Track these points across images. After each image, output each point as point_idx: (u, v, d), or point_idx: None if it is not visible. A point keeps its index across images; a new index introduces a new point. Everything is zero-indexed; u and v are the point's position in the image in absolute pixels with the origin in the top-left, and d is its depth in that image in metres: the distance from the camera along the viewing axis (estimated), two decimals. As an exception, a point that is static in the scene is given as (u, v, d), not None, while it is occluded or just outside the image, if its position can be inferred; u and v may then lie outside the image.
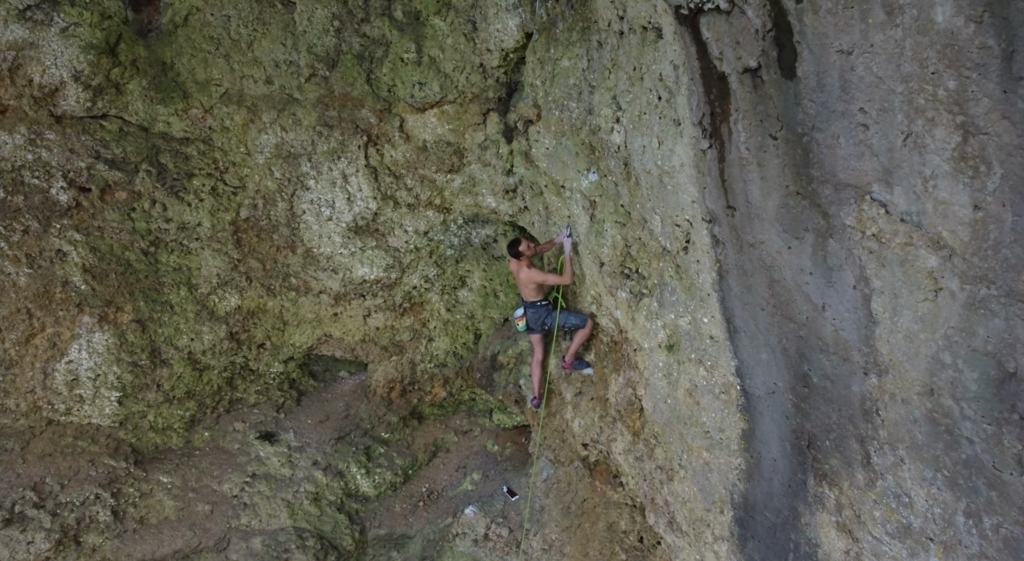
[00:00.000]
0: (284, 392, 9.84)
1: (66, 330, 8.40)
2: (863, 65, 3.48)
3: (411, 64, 8.28)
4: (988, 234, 3.32)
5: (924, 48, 3.17)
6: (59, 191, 8.19)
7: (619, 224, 7.13)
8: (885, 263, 3.94)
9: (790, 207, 4.40)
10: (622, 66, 5.88)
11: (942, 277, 3.66)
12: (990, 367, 3.59)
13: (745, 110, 4.33)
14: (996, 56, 2.92)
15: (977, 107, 3.10)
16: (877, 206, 3.81)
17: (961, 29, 2.99)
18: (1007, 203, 3.19)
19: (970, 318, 3.58)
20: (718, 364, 5.96)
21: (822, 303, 4.49)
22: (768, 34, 3.86)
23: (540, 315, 8.06)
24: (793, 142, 4.11)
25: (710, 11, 4.12)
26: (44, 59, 7.83)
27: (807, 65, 3.76)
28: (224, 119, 8.61)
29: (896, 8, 3.19)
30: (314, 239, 9.25)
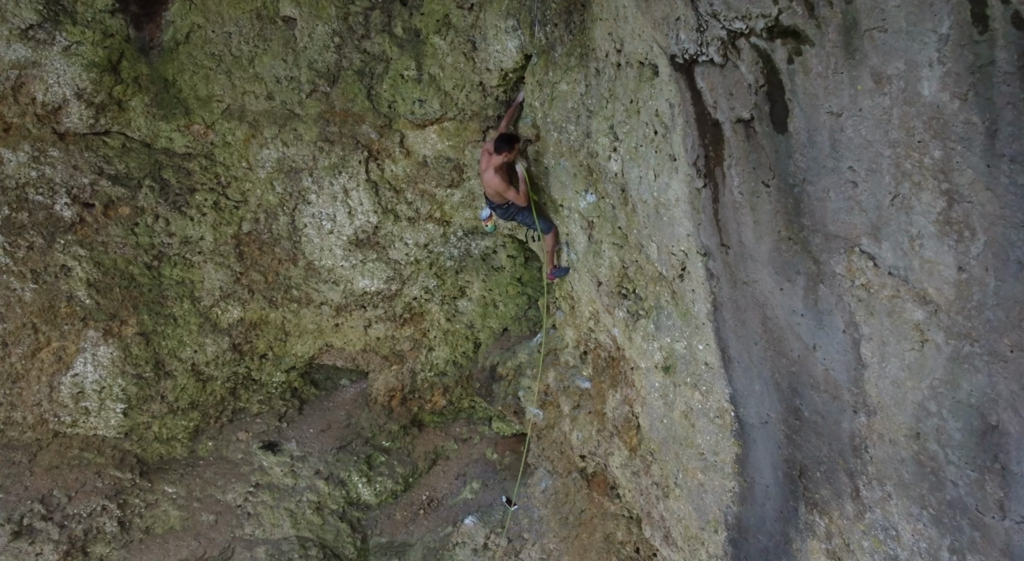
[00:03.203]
0: (286, 401, 9.98)
1: (71, 344, 8.52)
2: (852, 127, 3.57)
3: (411, 81, 8.33)
4: (972, 295, 3.42)
5: (911, 118, 3.26)
6: (63, 207, 8.27)
7: (616, 246, 7.22)
8: (873, 312, 4.04)
9: (782, 251, 4.49)
10: (619, 97, 5.95)
11: (928, 330, 3.76)
12: (973, 418, 3.70)
13: (738, 157, 4.41)
14: (980, 132, 3.01)
15: (962, 177, 3.19)
16: (866, 258, 3.91)
17: (946, 104, 3.08)
18: (990, 268, 3.28)
19: (954, 371, 3.69)
20: (713, 390, 6.08)
21: (813, 343, 4.60)
22: (761, 89, 3.94)
23: (508, 212, 7.98)
24: (785, 191, 4.20)
25: (704, 62, 4.19)
26: (47, 78, 7.88)
27: (798, 122, 3.84)
28: (226, 134, 8.68)
29: (884, 78, 3.27)
30: (315, 252, 9.34)
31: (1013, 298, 3.22)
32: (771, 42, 3.66)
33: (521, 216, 8.03)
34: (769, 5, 3.50)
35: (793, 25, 3.48)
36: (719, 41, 3.95)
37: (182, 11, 8.18)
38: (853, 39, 3.28)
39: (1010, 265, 3.18)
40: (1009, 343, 3.31)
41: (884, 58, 3.21)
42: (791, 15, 3.46)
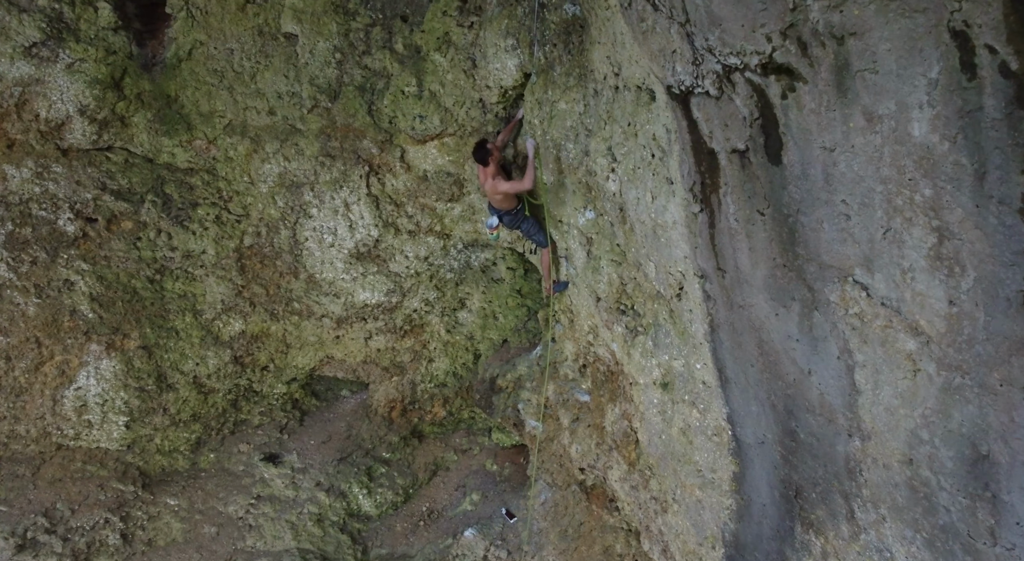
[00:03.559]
0: (287, 412, 10.04)
1: (74, 358, 8.58)
2: (845, 162, 3.63)
3: (412, 97, 8.40)
4: (963, 329, 3.48)
5: (901, 156, 3.32)
6: (66, 222, 8.34)
7: (615, 262, 7.28)
8: (867, 340, 4.10)
9: (777, 278, 4.55)
10: (617, 120, 6.01)
11: (920, 360, 3.82)
12: (965, 447, 3.76)
13: (734, 185, 4.47)
14: (969, 174, 3.07)
15: (951, 215, 3.25)
16: (859, 288, 3.97)
17: (936, 145, 3.14)
18: (980, 304, 3.34)
19: (946, 401, 3.75)
20: (710, 408, 6.14)
21: (808, 368, 4.66)
22: (755, 122, 4.00)
23: (516, 220, 8.12)
24: (779, 220, 4.26)
25: (700, 94, 4.25)
26: (50, 94, 7.95)
27: (792, 155, 3.90)
28: (228, 149, 8.75)
29: (876, 117, 3.33)
30: (316, 265, 9.41)
31: (1002, 334, 3.28)
32: (765, 78, 3.72)
33: (526, 226, 8.16)
34: (763, 43, 3.56)
35: (787, 63, 3.54)
36: (714, 74, 4.01)
37: (184, 28, 8.25)
38: (845, 79, 3.34)
39: (999, 302, 3.23)
40: (999, 377, 3.37)
41: (875, 98, 3.27)
42: (784, 53, 3.52)
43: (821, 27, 3.26)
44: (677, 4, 3.87)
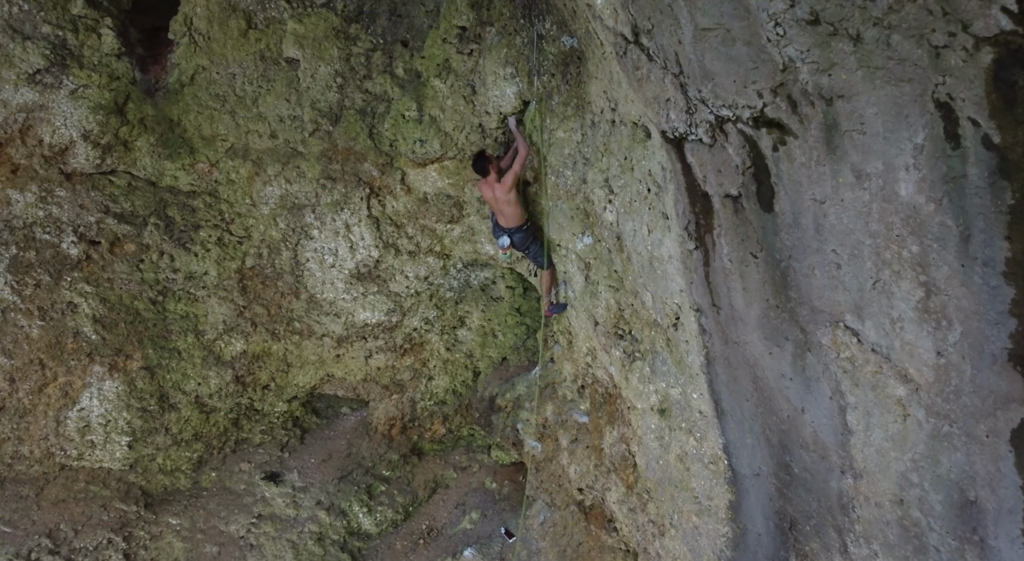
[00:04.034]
0: (288, 431, 10.11)
1: (77, 379, 8.66)
2: (835, 214, 3.70)
3: (412, 121, 8.48)
4: (950, 380, 3.55)
5: (889, 214, 3.39)
6: (69, 245, 8.42)
7: (613, 288, 7.35)
8: (858, 383, 4.17)
9: (771, 318, 4.62)
10: (614, 153, 6.09)
11: (910, 406, 3.89)
12: (953, 492, 3.83)
13: (727, 228, 4.55)
14: (954, 235, 3.14)
15: (938, 272, 3.32)
16: (850, 334, 4.04)
17: (923, 206, 3.21)
18: (966, 357, 3.41)
19: (935, 447, 3.82)
20: (707, 437, 6.21)
21: (801, 407, 4.73)
22: (748, 170, 4.07)
23: (526, 240, 8.06)
24: (772, 264, 4.34)
25: (694, 140, 4.33)
26: (54, 120, 8.03)
27: (783, 203, 3.98)
28: (230, 172, 8.82)
29: (864, 175, 3.40)
30: (317, 285, 9.48)
31: (988, 388, 3.35)
32: (757, 130, 3.80)
33: (533, 249, 8.15)
34: (754, 98, 3.63)
35: (777, 118, 3.62)
36: (707, 124, 4.09)
37: (187, 54, 8.33)
38: (834, 137, 3.42)
39: (985, 357, 3.31)
40: (985, 429, 3.44)
41: (863, 157, 3.35)
42: (775, 109, 3.59)
43: (810, 88, 3.33)
44: (671, 56, 3.95)
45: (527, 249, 8.21)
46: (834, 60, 3.12)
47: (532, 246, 8.15)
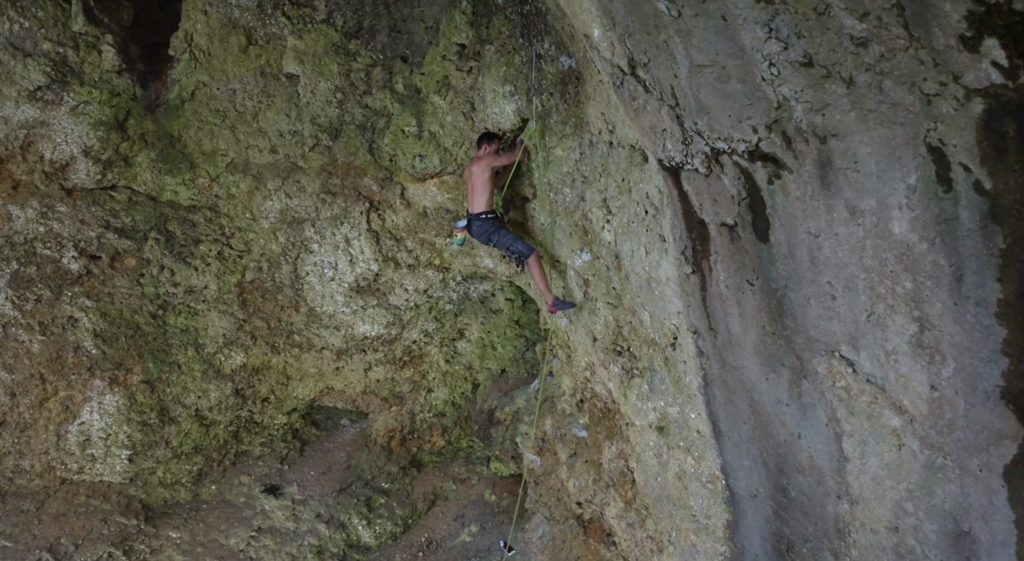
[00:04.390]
0: (287, 443, 10.14)
1: (78, 393, 8.69)
2: (829, 248, 3.73)
3: (412, 137, 8.51)
4: (944, 413, 3.57)
5: (883, 250, 3.42)
6: (70, 260, 8.45)
7: (611, 305, 7.37)
8: (854, 412, 4.20)
9: (767, 344, 4.65)
10: (611, 173, 6.12)
11: (904, 436, 3.91)
12: (947, 522, 3.85)
13: (724, 255, 4.57)
14: (947, 274, 3.17)
15: (932, 308, 3.35)
16: (845, 364, 4.06)
17: (916, 244, 3.23)
18: (960, 392, 3.44)
19: (929, 478, 3.84)
20: (705, 457, 6.23)
21: (798, 432, 4.75)
22: (743, 201, 4.10)
23: (486, 229, 7.62)
24: (768, 293, 4.36)
25: (690, 170, 4.35)
26: (55, 136, 8.07)
27: (779, 235, 4.00)
28: (230, 187, 8.86)
29: (858, 211, 3.43)
30: (317, 299, 9.51)
31: (981, 423, 3.37)
32: (752, 163, 3.83)
33: (498, 237, 7.63)
34: (749, 133, 3.66)
35: (772, 153, 3.64)
36: (703, 154, 4.12)
37: (187, 70, 8.37)
38: (828, 173, 3.44)
39: (978, 393, 3.33)
40: (978, 463, 3.47)
41: (857, 194, 3.37)
42: (770, 144, 3.62)
43: (804, 126, 3.36)
44: (667, 89, 3.97)
45: (490, 238, 7.67)
46: (827, 101, 3.14)
47: (495, 235, 7.63)
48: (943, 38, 2.42)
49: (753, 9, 3.00)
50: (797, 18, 2.88)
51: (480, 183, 7.46)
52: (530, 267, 7.80)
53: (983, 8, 2.21)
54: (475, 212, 7.60)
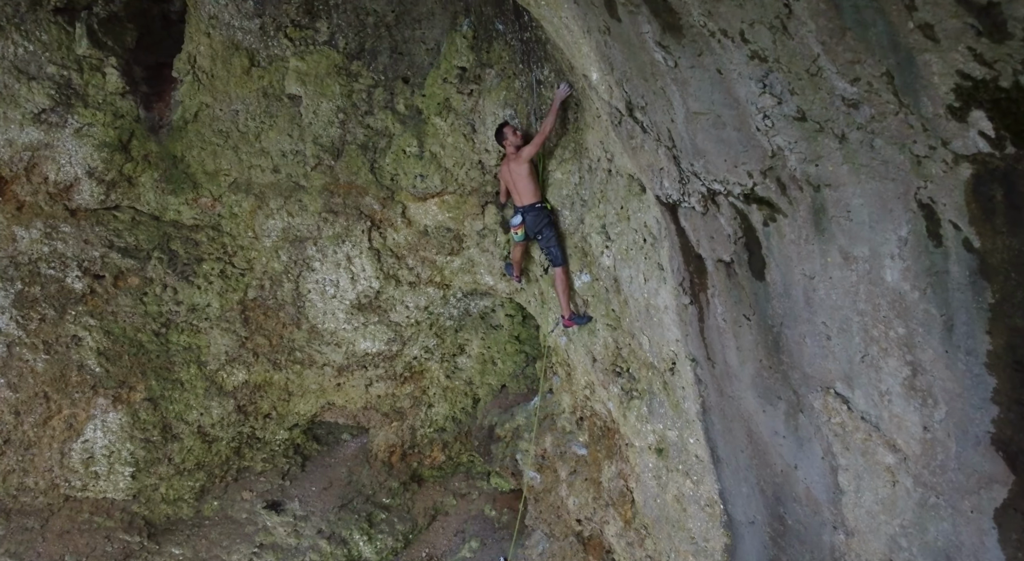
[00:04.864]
0: (289, 458, 10.19)
1: (82, 411, 8.75)
2: (824, 290, 3.79)
3: (413, 157, 8.57)
4: (936, 454, 3.63)
5: (876, 296, 3.48)
6: (74, 280, 8.51)
7: (610, 327, 7.43)
8: (849, 447, 4.26)
9: (764, 377, 4.71)
10: (610, 200, 6.18)
11: (898, 474, 3.97)
12: (940, 559, 3.90)
13: (720, 289, 4.63)
14: (938, 323, 3.23)
15: (924, 354, 3.41)
16: (840, 401, 4.12)
17: (908, 293, 3.30)
18: (951, 435, 3.50)
19: (923, 515, 3.90)
20: (703, 481, 6.29)
21: (794, 463, 4.81)
22: (739, 240, 4.16)
23: (539, 222, 7.59)
24: (764, 328, 4.42)
25: (687, 207, 4.42)
26: (59, 158, 8.14)
27: (775, 274, 4.06)
28: (232, 206, 8.92)
29: (851, 257, 3.49)
30: (319, 316, 9.57)
31: (972, 467, 3.43)
32: (748, 205, 3.89)
33: (547, 234, 7.63)
34: (745, 178, 3.72)
35: (767, 197, 3.71)
36: (700, 194, 4.18)
37: (191, 91, 8.44)
38: (822, 220, 3.50)
39: (969, 438, 3.39)
40: (970, 505, 3.52)
41: (850, 241, 3.43)
42: (765, 189, 3.68)
43: (798, 174, 3.42)
44: (664, 132, 4.04)
45: (540, 233, 7.66)
46: (821, 153, 3.21)
47: (546, 230, 7.62)
48: (932, 107, 2.49)
49: (747, 66, 3.06)
50: (790, 77, 2.94)
51: (522, 177, 7.40)
52: (556, 276, 7.81)
53: (970, 83, 2.27)
54: (526, 204, 7.56)
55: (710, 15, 2.96)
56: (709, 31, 3.07)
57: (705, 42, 3.17)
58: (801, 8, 2.57)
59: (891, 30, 2.35)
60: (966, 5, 2.05)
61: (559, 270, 7.75)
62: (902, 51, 2.39)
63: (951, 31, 2.15)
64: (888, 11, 2.29)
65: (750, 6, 2.76)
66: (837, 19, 2.49)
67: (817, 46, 2.67)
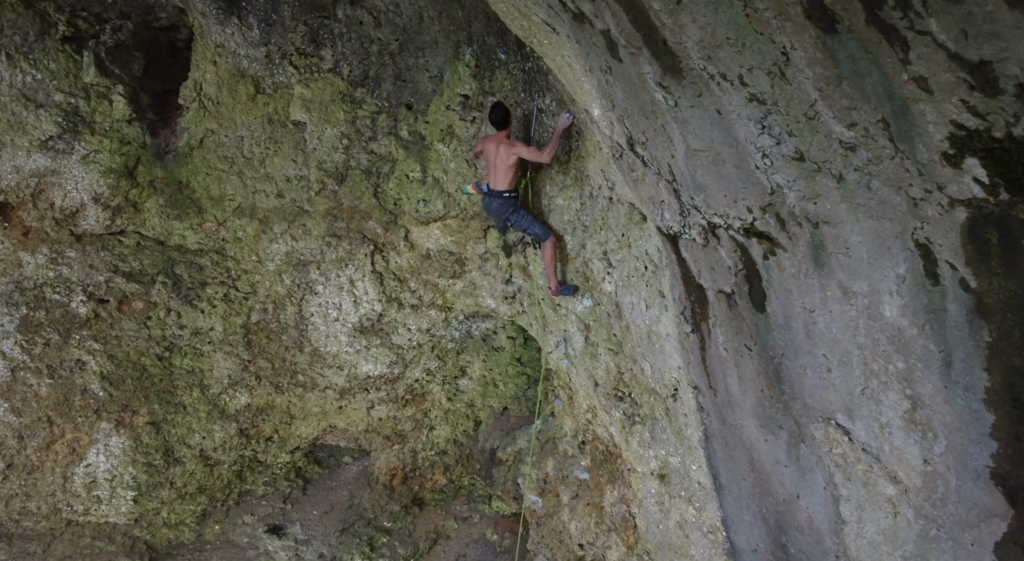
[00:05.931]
0: (291, 482, 10.19)
1: (85, 435, 8.77)
2: (824, 323, 3.83)
3: (416, 182, 8.66)
4: (937, 487, 3.66)
5: (875, 331, 3.52)
6: (79, 304, 8.57)
7: (612, 351, 7.47)
8: (851, 478, 4.28)
9: (765, 407, 4.74)
10: (612, 228, 6.24)
11: (900, 505, 3.99)
12: (943, 592, 3.91)
13: (722, 320, 4.68)
14: (937, 359, 3.27)
15: (923, 388, 3.45)
16: (841, 432, 4.15)
17: (906, 328, 3.34)
18: (952, 469, 3.52)
19: (924, 547, 3.92)
20: (706, 508, 6.29)
21: (796, 492, 4.83)
22: (740, 272, 4.21)
23: (506, 208, 7.41)
24: (766, 359, 4.46)
25: (688, 239, 4.47)
26: (65, 184, 8.22)
27: (775, 306, 4.11)
28: (237, 230, 8.99)
29: (850, 292, 3.54)
30: (321, 339, 9.61)
31: (972, 500, 3.46)
32: (748, 239, 3.94)
33: (516, 217, 7.49)
34: (744, 213, 3.78)
35: (767, 232, 3.76)
36: (700, 226, 4.24)
37: (197, 118, 8.54)
38: (821, 255, 3.56)
39: (969, 471, 3.42)
40: (970, 538, 3.55)
41: (849, 276, 3.48)
42: (764, 224, 3.74)
43: (797, 211, 3.48)
44: (664, 166, 4.10)
45: (509, 218, 7.53)
46: (819, 192, 3.27)
47: (514, 216, 7.48)
48: (927, 153, 2.55)
49: (746, 107, 3.13)
50: (788, 119, 3.01)
51: (504, 165, 7.18)
52: (544, 250, 7.70)
53: (964, 132, 2.34)
54: (497, 189, 7.34)
55: (709, 59, 3.04)
56: (708, 74, 3.14)
57: (705, 84, 3.24)
58: (798, 57, 2.64)
59: (886, 81, 2.41)
60: (959, 61, 2.11)
61: (547, 244, 7.61)
62: (897, 100, 2.46)
63: (944, 84, 2.22)
64: (883, 63, 2.36)
65: (748, 52, 2.83)
66: (833, 68, 2.55)
67: (814, 92, 2.74)
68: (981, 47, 2.02)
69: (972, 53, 2.06)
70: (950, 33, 2.04)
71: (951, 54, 2.10)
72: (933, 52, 2.14)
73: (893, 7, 2.11)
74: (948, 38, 2.05)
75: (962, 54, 2.07)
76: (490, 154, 7.31)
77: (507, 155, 7.07)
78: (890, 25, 2.18)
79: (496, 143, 7.16)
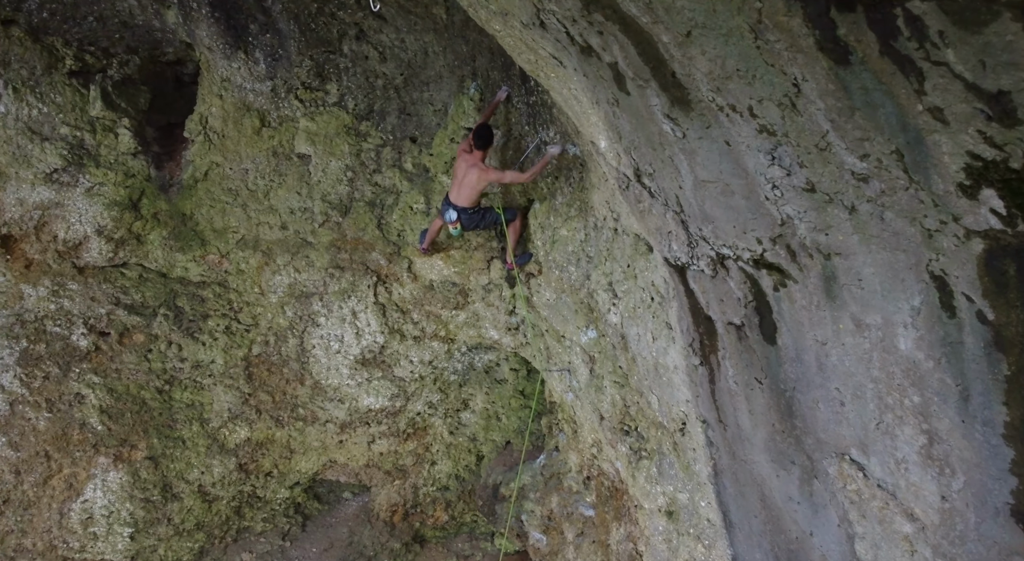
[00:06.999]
0: (290, 518, 10.02)
1: (82, 471, 8.64)
2: (836, 356, 3.77)
3: (420, 214, 8.66)
4: (955, 525, 3.57)
5: (890, 364, 3.46)
6: (79, 337, 8.51)
7: (618, 384, 7.38)
8: (866, 515, 4.18)
9: (777, 442, 4.66)
10: (617, 259, 6.21)
11: (917, 543, 3.89)
12: (965, 634, 3.79)
13: (731, 352, 4.62)
14: (954, 393, 3.21)
15: (940, 423, 3.38)
16: (855, 468, 4.07)
17: (922, 362, 3.28)
18: (970, 505, 3.44)
19: (944, 588, 3.81)
20: (715, 546, 6.16)
21: (810, 530, 4.72)
22: (750, 304, 4.17)
23: (473, 220, 7.47)
24: (777, 392, 4.39)
25: (696, 270, 4.44)
26: (69, 217, 8.23)
27: (786, 339, 4.06)
28: (240, 263, 8.98)
29: (864, 325, 3.49)
30: (322, 371, 9.53)
31: (992, 538, 3.36)
32: (757, 270, 3.91)
33: (484, 222, 7.58)
34: (754, 244, 3.75)
35: (777, 263, 3.73)
36: (709, 258, 4.20)
37: (201, 151, 8.58)
38: (833, 287, 3.52)
39: (988, 508, 3.33)
40: (992, 578, 3.44)
41: (862, 309, 3.44)
42: (775, 255, 3.71)
43: (808, 242, 3.45)
44: (672, 197, 4.09)
45: (477, 225, 7.61)
46: (830, 223, 3.24)
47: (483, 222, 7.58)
48: (942, 184, 2.52)
49: (756, 139, 3.12)
50: (799, 150, 2.99)
51: (469, 186, 7.14)
52: (512, 227, 7.70)
53: (980, 163, 2.31)
54: (460, 206, 7.31)
55: (719, 91, 3.03)
56: (718, 106, 3.13)
57: (713, 116, 3.23)
58: (809, 88, 2.63)
59: (900, 112, 2.40)
60: (976, 91, 2.10)
61: (516, 221, 7.68)
62: (911, 131, 2.44)
63: (960, 115, 2.20)
64: (897, 94, 2.35)
65: (759, 84, 2.82)
66: (846, 99, 2.54)
67: (826, 123, 2.73)
68: (999, 77, 2.00)
69: (990, 83, 2.04)
70: (967, 63, 2.03)
71: (968, 84, 2.08)
72: (949, 83, 2.13)
73: (908, 38, 2.10)
74: (965, 68, 2.04)
75: (980, 84, 2.06)
76: (459, 170, 7.21)
77: (477, 180, 7.04)
78: (905, 56, 2.17)
79: (469, 164, 7.07)
